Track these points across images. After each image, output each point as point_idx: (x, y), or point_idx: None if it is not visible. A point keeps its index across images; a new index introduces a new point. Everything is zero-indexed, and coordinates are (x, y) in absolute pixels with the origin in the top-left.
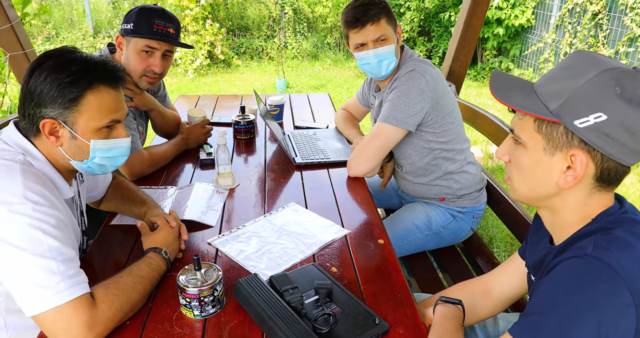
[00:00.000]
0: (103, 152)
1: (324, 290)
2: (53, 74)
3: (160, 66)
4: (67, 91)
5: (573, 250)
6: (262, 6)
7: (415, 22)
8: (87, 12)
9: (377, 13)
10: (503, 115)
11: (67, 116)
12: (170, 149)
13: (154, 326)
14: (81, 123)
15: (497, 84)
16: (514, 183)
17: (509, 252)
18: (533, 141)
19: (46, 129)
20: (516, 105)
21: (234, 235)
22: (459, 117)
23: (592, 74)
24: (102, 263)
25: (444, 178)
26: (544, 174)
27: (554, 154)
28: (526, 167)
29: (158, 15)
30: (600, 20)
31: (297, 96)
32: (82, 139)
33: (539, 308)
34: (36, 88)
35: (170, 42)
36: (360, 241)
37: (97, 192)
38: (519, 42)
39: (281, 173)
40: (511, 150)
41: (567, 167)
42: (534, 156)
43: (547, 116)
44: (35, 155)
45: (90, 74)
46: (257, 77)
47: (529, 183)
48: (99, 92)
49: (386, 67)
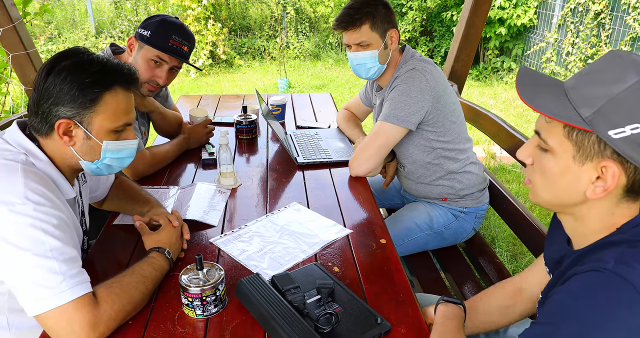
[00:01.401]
0: (113, 153)
1: (326, 290)
2: (73, 74)
3: (165, 79)
4: (88, 91)
5: (593, 261)
6: (264, 6)
7: (418, 22)
8: (90, 12)
9: (360, 18)
10: (505, 115)
11: (84, 116)
12: (172, 148)
13: (156, 325)
14: (97, 124)
15: (525, 84)
16: (536, 189)
17: (511, 252)
18: (562, 148)
19: (61, 129)
20: (546, 111)
21: (236, 235)
22: (461, 117)
23: (632, 80)
24: (105, 263)
25: (446, 178)
26: (571, 183)
27: (583, 163)
28: (552, 173)
29: (176, 31)
30: (602, 19)
31: (299, 96)
32: (95, 140)
33: (552, 319)
34: (55, 87)
35: (181, 60)
36: (362, 241)
37: (100, 192)
38: (521, 42)
39: (283, 173)
40: (535, 153)
41: (597, 177)
42: (562, 163)
43: (579, 124)
44: (38, 156)
45: (110, 75)
46: (259, 77)
47: (554, 191)
48: (116, 94)
49: (366, 72)
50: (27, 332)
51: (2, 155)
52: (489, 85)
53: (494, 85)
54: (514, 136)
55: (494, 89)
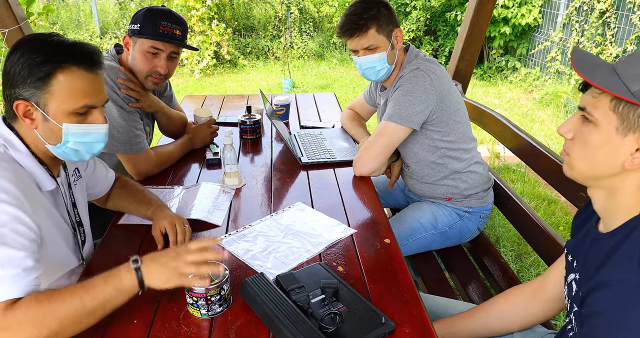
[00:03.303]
0: (77, 136)
1: (330, 289)
2: (26, 54)
3: (166, 67)
4: (36, 70)
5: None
6: (268, 6)
7: (422, 21)
8: (94, 12)
9: (366, 23)
10: (510, 114)
11: (39, 97)
12: (176, 148)
13: (161, 325)
14: (53, 105)
15: (580, 61)
16: (573, 160)
17: (515, 252)
18: (607, 120)
19: (20, 111)
20: (600, 83)
21: (240, 235)
22: (465, 116)
23: None
24: (109, 262)
25: (450, 177)
26: (611, 153)
27: (625, 135)
28: (594, 145)
29: (164, 17)
30: (607, 18)
31: (303, 96)
32: (54, 122)
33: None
34: (11, 68)
35: (175, 43)
36: (367, 240)
37: (98, 190)
38: (526, 41)
39: (287, 172)
40: (576, 127)
41: (637, 149)
42: (605, 135)
43: (627, 96)
44: (17, 146)
45: (61, 54)
46: (263, 77)
47: (593, 162)
48: (70, 73)
49: (376, 74)
50: None
51: None
52: (493, 84)
53: (499, 84)
54: (518, 136)
55: (499, 89)
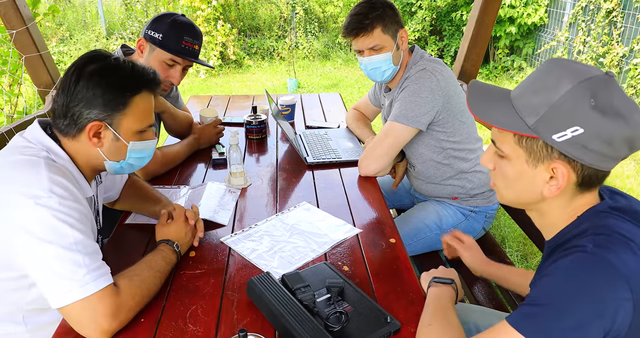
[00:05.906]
0: (137, 152)
1: (336, 289)
2: (105, 79)
3: (179, 79)
4: (119, 95)
5: (570, 248)
6: (273, 6)
7: (427, 21)
8: (100, 13)
9: (371, 23)
10: None
11: (114, 119)
12: (182, 149)
13: (167, 323)
14: (125, 125)
15: (475, 98)
16: (500, 190)
17: (521, 252)
18: (515, 154)
19: (92, 131)
20: (495, 123)
21: (246, 234)
22: (471, 117)
23: (566, 87)
24: (117, 261)
25: (456, 177)
26: (528, 184)
27: (536, 166)
28: (511, 177)
29: (188, 32)
30: (614, 17)
31: (309, 96)
32: (123, 141)
33: (539, 301)
34: (88, 91)
35: (194, 61)
36: (372, 240)
37: (114, 193)
38: (532, 41)
39: (293, 172)
40: (494, 159)
41: (550, 177)
42: (517, 167)
43: (526, 132)
44: (59, 154)
45: (138, 80)
46: (269, 77)
47: (515, 192)
48: (142, 97)
49: (381, 75)
50: (42, 328)
51: (24, 151)
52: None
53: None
54: None
55: None
